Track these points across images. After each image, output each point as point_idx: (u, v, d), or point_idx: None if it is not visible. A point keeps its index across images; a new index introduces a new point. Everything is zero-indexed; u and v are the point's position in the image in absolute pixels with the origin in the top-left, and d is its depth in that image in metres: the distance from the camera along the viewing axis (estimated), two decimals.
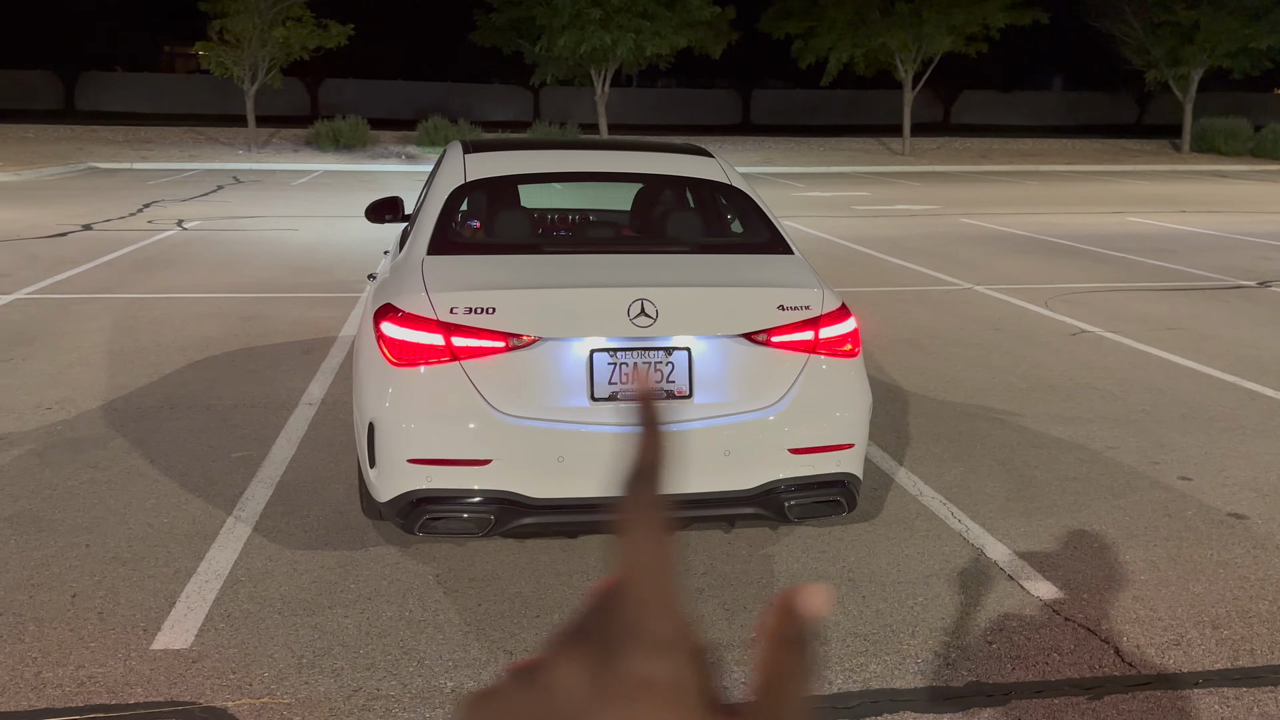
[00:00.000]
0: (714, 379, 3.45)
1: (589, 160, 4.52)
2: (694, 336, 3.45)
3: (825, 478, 3.54)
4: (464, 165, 4.24)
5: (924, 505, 4.51)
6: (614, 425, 3.35)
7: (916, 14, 29.70)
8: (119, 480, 4.64)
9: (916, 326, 8.20)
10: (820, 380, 3.52)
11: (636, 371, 3.35)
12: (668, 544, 0.43)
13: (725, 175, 4.40)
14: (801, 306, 3.52)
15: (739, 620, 3.45)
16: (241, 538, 4.05)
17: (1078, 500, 4.59)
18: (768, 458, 3.46)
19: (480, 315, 3.31)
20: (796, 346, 3.51)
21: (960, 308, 9.02)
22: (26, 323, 7.77)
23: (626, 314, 3.35)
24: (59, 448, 5.04)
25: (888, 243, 13.38)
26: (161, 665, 3.11)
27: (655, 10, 27.79)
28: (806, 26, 31.49)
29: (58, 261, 10.67)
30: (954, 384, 6.53)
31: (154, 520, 4.21)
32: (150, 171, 24.21)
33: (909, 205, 18.90)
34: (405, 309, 3.39)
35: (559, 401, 3.36)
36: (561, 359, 3.36)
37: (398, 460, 3.34)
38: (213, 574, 3.74)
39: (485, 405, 3.30)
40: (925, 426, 5.64)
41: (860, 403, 3.62)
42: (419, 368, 3.34)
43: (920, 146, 34.60)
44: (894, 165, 29.55)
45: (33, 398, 5.86)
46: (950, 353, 7.35)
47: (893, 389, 6.38)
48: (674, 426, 3.39)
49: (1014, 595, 3.67)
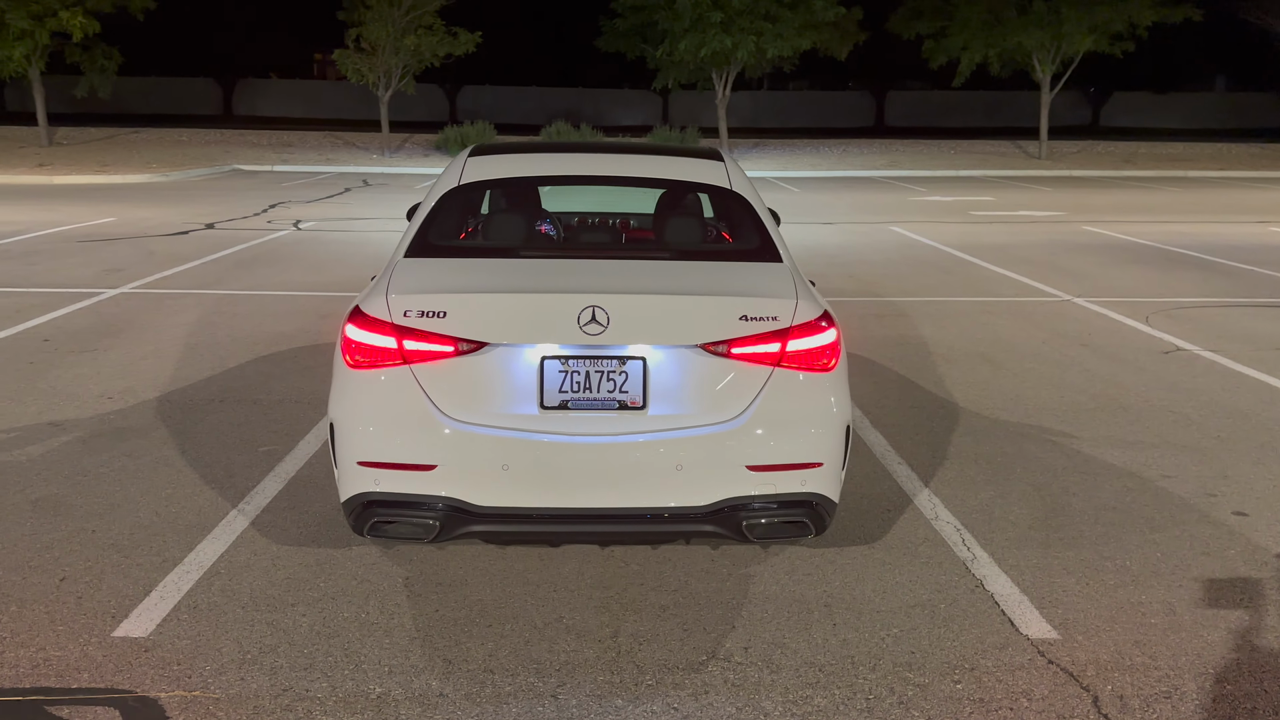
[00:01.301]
0: (671, 390, 3.33)
1: (589, 164, 4.44)
2: (650, 346, 3.33)
3: (789, 497, 3.36)
4: (462, 168, 4.24)
5: (935, 530, 4.26)
6: (562, 435, 3.27)
7: (1055, 12, 28.38)
8: (146, 469, 4.84)
9: (994, 340, 7.80)
10: (786, 395, 3.35)
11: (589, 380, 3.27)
12: None
13: (728, 180, 4.25)
14: (767, 317, 3.35)
15: (692, 642, 3.32)
16: (236, 531, 4.15)
17: (1108, 532, 4.25)
18: (723, 474, 3.31)
19: (431, 319, 3.28)
20: (759, 359, 3.34)
21: (1051, 321, 8.54)
22: (121, 315, 8.23)
23: (576, 321, 3.26)
24: (105, 435, 5.30)
25: (994, 250, 12.82)
26: (115, 653, 3.21)
27: (777, 12, 27.48)
28: (938, 26, 30.56)
29: (170, 258, 11.29)
30: (1015, 402, 6.17)
31: (163, 510, 4.37)
32: (287, 174, 25.42)
33: (1031, 211, 18.08)
34: (367, 311, 3.40)
35: (507, 409, 3.30)
36: (512, 365, 3.30)
37: (350, 462, 3.35)
38: (196, 565, 3.84)
39: (433, 410, 3.28)
40: (966, 446, 5.34)
41: (833, 420, 3.42)
42: (371, 370, 3.34)
43: (1059, 150, 33.12)
44: (1027, 169, 28.36)
45: (100, 387, 6.18)
46: (1023, 368, 6.96)
47: (945, 405, 6.07)
48: (625, 438, 3.29)
49: (1000, 632, 3.41)
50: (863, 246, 13.23)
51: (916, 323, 8.33)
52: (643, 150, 4.57)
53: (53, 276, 9.97)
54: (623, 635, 3.36)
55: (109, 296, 9.01)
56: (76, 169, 23.83)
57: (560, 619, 3.46)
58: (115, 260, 11.06)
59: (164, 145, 31.29)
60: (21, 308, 8.42)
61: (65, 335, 7.52)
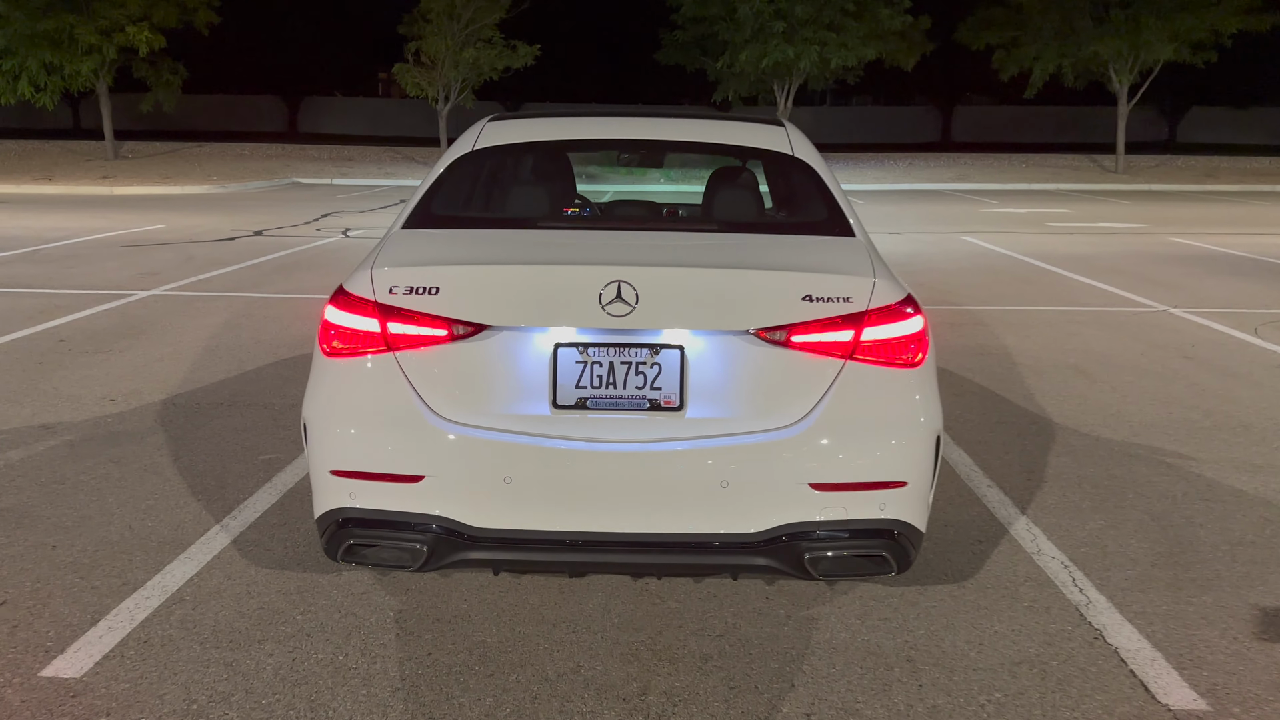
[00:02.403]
0: (715, 388, 2.68)
1: (626, 128, 3.83)
2: (689, 331, 2.69)
3: (863, 525, 2.68)
4: (478, 134, 3.66)
5: (1038, 566, 3.54)
6: (579, 441, 2.64)
7: (1133, 20, 27.18)
8: (131, 477, 4.32)
9: (1087, 351, 7.01)
10: (861, 395, 2.68)
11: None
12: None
13: (789, 146, 3.61)
14: (837, 298, 2.69)
15: (740, 704, 2.66)
16: (214, 550, 3.60)
17: (1250, 572, 3.49)
18: (781, 493, 2.65)
19: (421, 296, 2.68)
20: (828, 349, 2.68)
21: (1147, 332, 7.71)
22: (145, 317, 7.82)
23: (598, 300, 2.63)
24: (96, 440, 4.80)
25: (1078, 260, 11.95)
26: (35, 696, 2.65)
27: (842, 22, 26.75)
28: (1009, 36, 29.49)
29: (210, 263, 10.94)
30: (1118, 418, 5.40)
31: (137, 524, 3.83)
32: (345, 186, 25.30)
33: (1112, 223, 17.08)
34: (349, 289, 2.81)
35: (512, 408, 2.68)
36: (518, 354, 2.69)
37: (322, 471, 2.76)
38: (158, 590, 3.28)
39: (420, 408, 2.67)
40: (1067, 468, 4.60)
41: (920, 428, 2.74)
42: (349, 359, 2.75)
43: (1136, 164, 31.82)
44: (1103, 183, 27.16)
45: (104, 389, 5.72)
46: (1121, 381, 6.17)
47: (1037, 420, 5.32)
48: (657, 446, 2.65)
49: (1132, 700, 2.69)
50: (934, 255, 12.43)
51: (997, 332, 7.57)
52: (690, 116, 3.94)
53: (87, 279, 9.64)
54: (653, 693, 2.71)
55: (138, 298, 8.63)
56: (138, 180, 23.94)
57: (578, 669, 2.82)
58: (154, 264, 10.74)
59: (225, 159, 31.51)
60: (46, 309, 8.06)
61: (83, 336, 7.11)
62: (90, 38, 26.74)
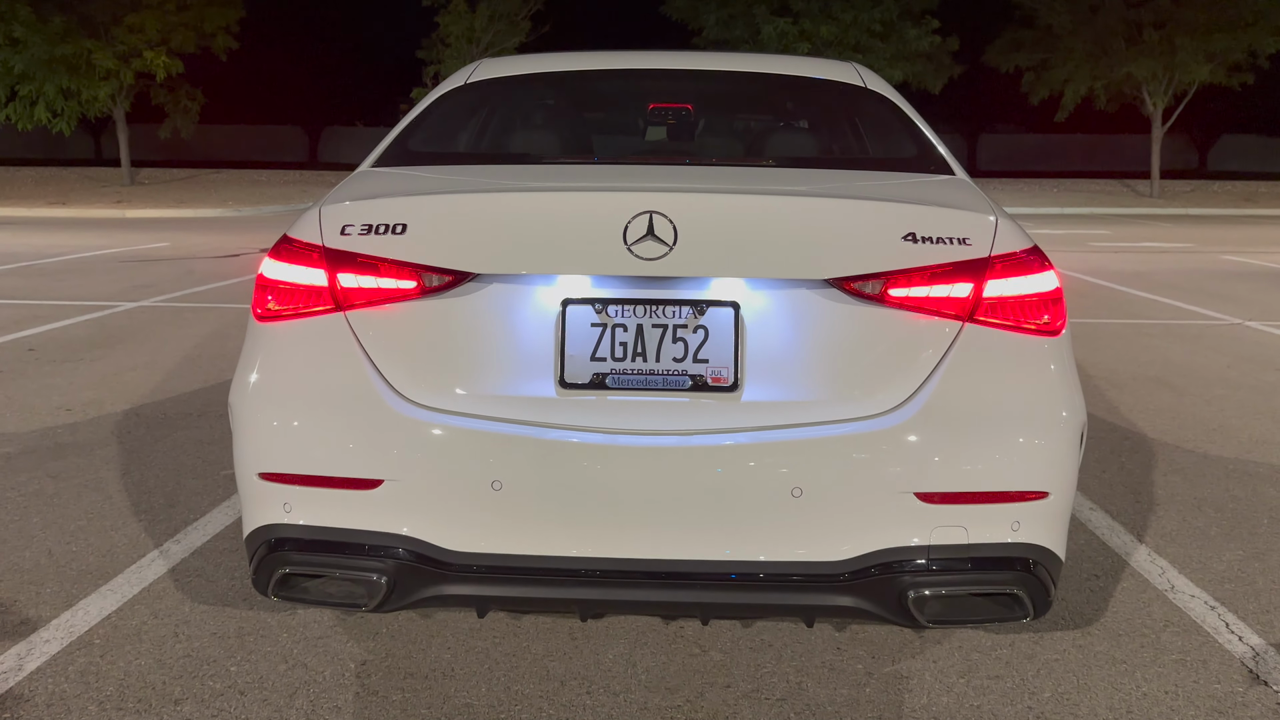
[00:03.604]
0: (781, 359, 1.97)
1: (655, 60, 3.15)
2: (746, 282, 1.98)
3: (989, 551, 1.95)
4: (474, 69, 3.00)
5: (1178, 607, 2.79)
6: (595, 432, 1.92)
7: (1168, 40, 26.46)
8: (66, 494, 3.64)
9: (1166, 363, 6.26)
10: (986, 370, 1.97)
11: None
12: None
13: (860, 78, 2.93)
14: (952, 239, 1.97)
15: None
16: (145, 580, 2.90)
17: None
18: (875, 506, 1.92)
19: (382, 237, 1.99)
20: (939, 307, 1.97)
21: (1226, 344, 6.96)
22: (128, 326, 7.19)
23: (622, 238, 1.93)
24: (38, 453, 4.14)
25: (1132, 276, 11.20)
26: None
27: (868, 43, 26.19)
28: (1039, 59, 28.80)
29: (209, 276, 10.35)
30: (1221, 433, 4.64)
31: (60, 548, 3.14)
32: None
33: (1157, 243, 16.30)
34: (293, 235, 2.13)
35: (504, 387, 1.98)
36: (512, 314, 1.98)
37: (249, 474, 2.06)
38: (63, 632, 2.58)
39: (379, 387, 1.97)
40: (1179, 488, 3.85)
41: (1064, 420, 2.02)
42: (286, 323, 2.06)
43: (1171, 189, 31.02)
44: (1139, 207, 26.37)
45: (63, 399, 5.06)
46: (1214, 395, 5.41)
47: (1130, 436, 4.58)
48: (703, 440, 1.93)
49: None
50: None
51: None
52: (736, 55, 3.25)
53: (75, 291, 9.05)
54: None
55: (124, 309, 8.01)
56: (152, 204, 23.57)
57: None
58: (150, 278, 10.15)
59: (242, 185, 31.20)
60: (23, 318, 7.44)
61: (55, 345, 6.48)
62: (108, 63, 26.55)
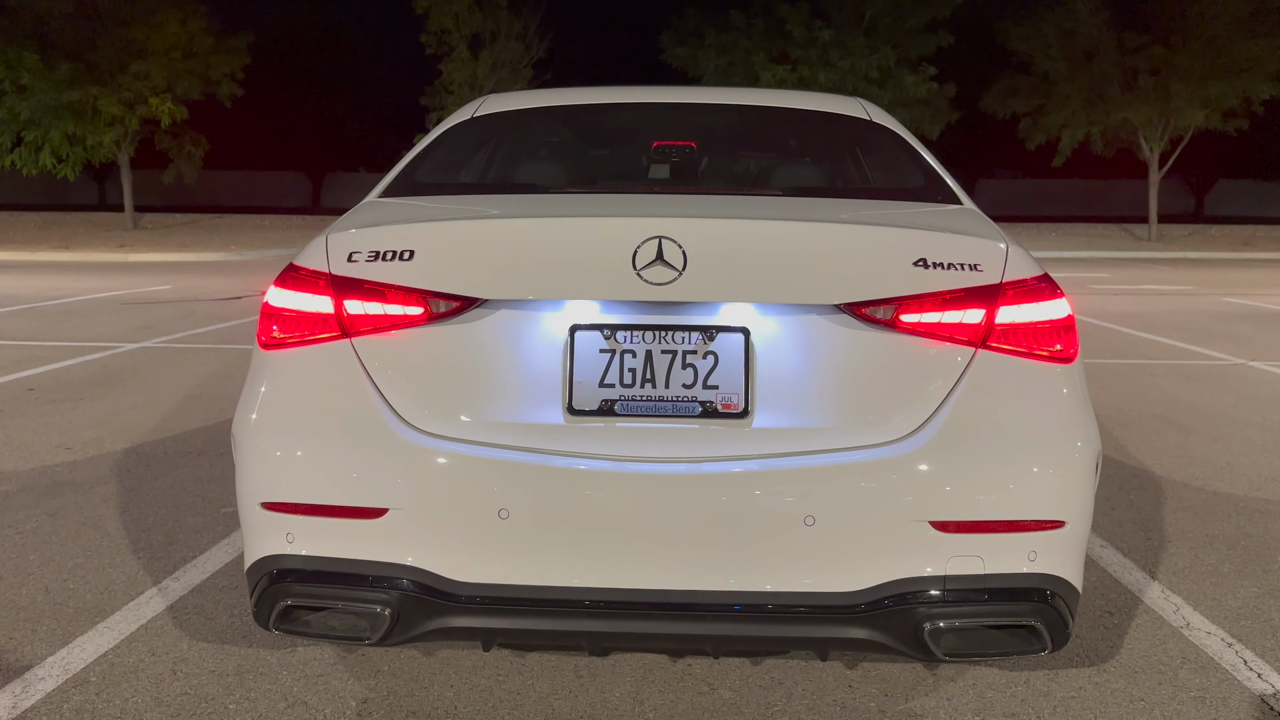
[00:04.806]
0: (792, 385, 1.95)
1: (664, 95, 3.16)
2: (756, 307, 1.97)
3: (1007, 581, 1.92)
4: (480, 103, 3.02)
5: (1194, 644, 2.74)
6: (603, 459, 1.90)
7: (1163, 86, 26.76)
8: (64, 532, 3.60)
9: (1172, 402, 6.23)
10: (1000, 396, 1.95)
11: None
12: None
13: (864, 112, 2.94)
14: (963, 265, 1.97)
15: None
16: (144, 618, 2.85)
17: None
18: (889, 535, 1.89)
19: (390, 263, 1.98)
20: (952, 333, 1.95)
21: (1231, 384, 6.94)
22: (128, 367, 7.17)
23: (631, 263, 1.92)
24: (36, 491, 4.10)
25: (1132, 317, 11.21)
26: None
27: (865, 90, 26.47)
28: (1036, 104, 29.08)
29: (211, 318, 10.36)
30: (1230, 470, 4.61)
31: (56, 585, 3.10)
32: None
33: (1157, 285, 16.35)
34: (300, 264, 2.12)
35: (511, 414, 1.95)
36: (520, 340, 1.97)
37: (251, 504, 2.03)
38: (59, 670, 2.53)
39: (384, 415, 1.95)
40: (1189, 525, 3.81)
41: (1079, 449, 1.99)
42: (291, 351, 2.04)
43: (1169, 233, 31.19)
44: (1137, 251, 26.49)
45: (62, 437, 5.03)
46: (1222, 433, 5.38)
47: (1138, 473, 4.54)
48: (713, 467, 1.91)
49: None
50: None
51: None
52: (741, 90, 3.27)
53: (77, 332, 9.04)
54: None
55: (125, 350, 8.00)
56: (155, 248, 23.68)
57: None
58: (151, 319, 10.15)
59: (245, 229, 31.37)
60: (23, 359, 7.43)
61: (55, 384, 6.45)
62: (114, 109, 26.82)
